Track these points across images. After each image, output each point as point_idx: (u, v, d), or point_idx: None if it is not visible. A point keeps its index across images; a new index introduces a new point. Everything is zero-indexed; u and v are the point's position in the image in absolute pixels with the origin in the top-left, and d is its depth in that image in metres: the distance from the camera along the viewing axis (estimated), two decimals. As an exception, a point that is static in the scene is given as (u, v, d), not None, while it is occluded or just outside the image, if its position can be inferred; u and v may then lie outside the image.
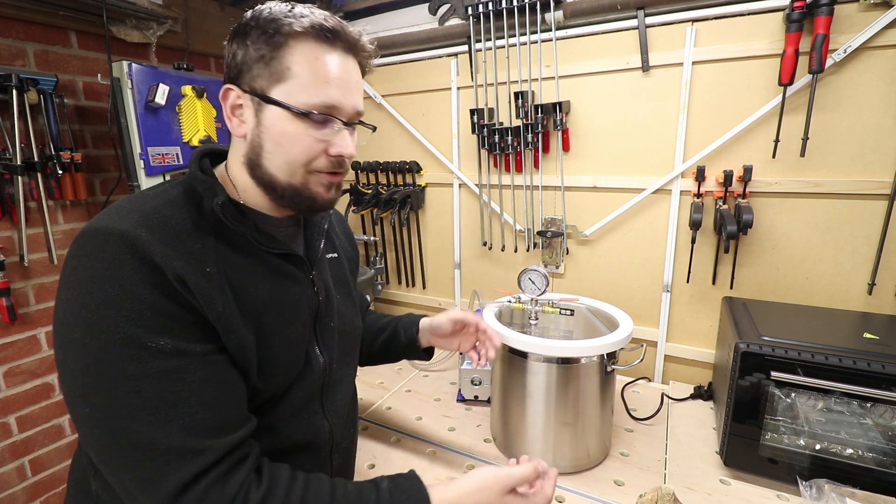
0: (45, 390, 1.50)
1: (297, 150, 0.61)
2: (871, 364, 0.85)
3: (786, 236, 1.27)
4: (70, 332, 0.51)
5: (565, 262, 1.59)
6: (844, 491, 0.84)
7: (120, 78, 1.32)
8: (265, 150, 0.61)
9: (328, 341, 0.74)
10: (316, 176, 0.63)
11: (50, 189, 1.39)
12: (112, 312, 0.50)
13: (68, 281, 0.52)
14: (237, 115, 0.62)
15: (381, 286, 1.93)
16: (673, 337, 1.46)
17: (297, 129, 0.60)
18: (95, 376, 0.50)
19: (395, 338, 0.98)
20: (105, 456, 0.52)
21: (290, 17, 0.58)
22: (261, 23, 0.59)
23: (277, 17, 0.58)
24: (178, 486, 0.50)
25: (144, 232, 0.53)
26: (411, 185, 1.79)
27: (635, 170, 1.42)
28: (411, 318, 0.99)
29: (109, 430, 0.50)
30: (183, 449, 0.51)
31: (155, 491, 0.50)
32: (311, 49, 0.59)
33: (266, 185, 0.63)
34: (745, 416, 0.95)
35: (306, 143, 0.61)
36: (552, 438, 1.01)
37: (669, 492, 0.83)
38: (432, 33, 1.61)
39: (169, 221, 0.56)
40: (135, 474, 0.51)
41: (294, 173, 0.62)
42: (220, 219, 0.60)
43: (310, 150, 0.61)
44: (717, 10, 1.24)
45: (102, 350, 0.50)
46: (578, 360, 0.96)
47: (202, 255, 0.57)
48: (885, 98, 1.11)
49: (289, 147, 0.61)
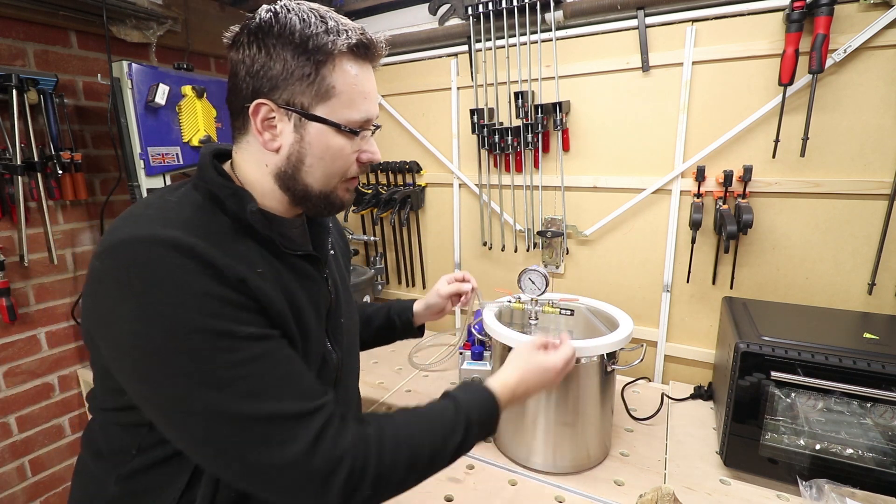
0: (45, 390, 1.50)
1: (339, 164, 0.64)
2: (871, 364, 0.85)
3: (786, 236, 1.27)
4: (149, 342, 0.50)
5: (565, 262, 1.59)
6: (844, 491, 0.84)
7: (120, 78, 1.32)
8: (306, 164, 0.63)
9: (339, 337, 0.76)
10: (345, 182, 0.67)
11: (50, 189, 1.39)
12: (192, 313, 0.51)
13: (122, 294, 0.51)
14: (269, 130, 0.62)
15: (381, 286, 1.93)
16: (673, 337, 1.46)
17: (341, 143, 0.62)
18: (198, 376, 0.51)
19: (390, 324, 1.04)
20: (228, 443, 0.52)
21: (332, 35, 0.58)
22: (296, 37, 0.58)
23: (317, 33, 0.58)
24: (309, 441, 0.54)
25: (193, 237, 0.53)
26: (411, 185, 1.79)
27: (635, 170, 1.42)
28: (403, 305, 1.05)
29: (229, 419, 0.51)
30: (302, 411, 0.55)
31: (291, 450, 0.53)
32: (350, 67, 0.61)
33: (298, 195, 0.65)
34: (745, 416, 0.95)
35: (348, 157, 0.64)
36: (552, 438, 1.01)
37: (669, 492, 0.83)
38: (432, 33, 1.61)
39: (210, 227, 0.57)
40: (266, 446, 0.52)
41: (329, 183, 0.65)
42: (251, 224, 0.60)
43: (348, 161, 0.64)
44: (717, 10, 1.24)
45: (195, 350, 0.51)
46: (578, 360, 0.96)
47: (250, 257, 0.58)
48: (885, 98, 1.11)
49: (330, 161, 0.63)
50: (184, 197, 0.60)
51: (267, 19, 0.59)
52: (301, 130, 0.61)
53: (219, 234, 0.57)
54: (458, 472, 1.02)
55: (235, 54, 0.61)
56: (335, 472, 0.55)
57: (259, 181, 0.65)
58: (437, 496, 0.94)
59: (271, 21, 0.58)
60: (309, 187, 0.64)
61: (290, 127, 0.61)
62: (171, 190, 0.63)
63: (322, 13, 0.60)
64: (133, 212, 0.57)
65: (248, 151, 0.65)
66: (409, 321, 1.04)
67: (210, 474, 0.60)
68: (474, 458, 1.07)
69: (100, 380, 0.62)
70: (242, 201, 0.60)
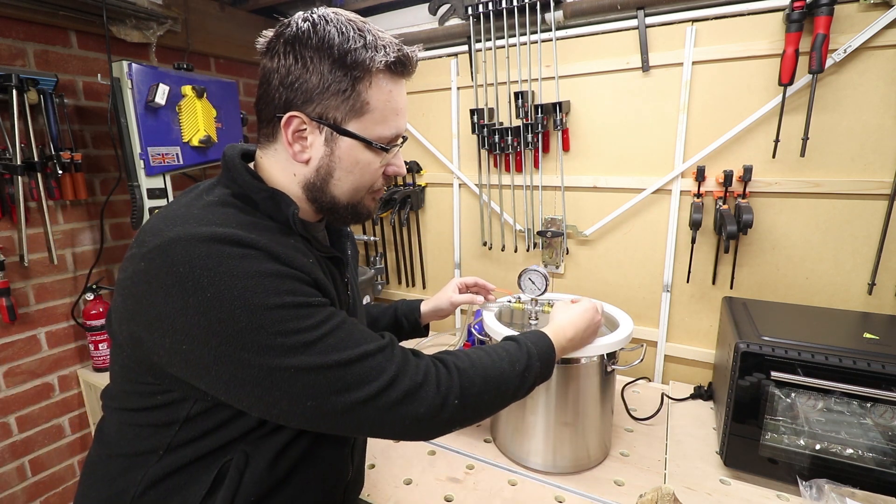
0: (45, 390, 1.50)
1: (368, 178, 0.65)
2: (871, 364, 0.85)
3: (786, 236, 1.26)
4: (230, 325, 0.51)
5: (565, 262, 1.59)
6: (844, 491, 0.84)
7: (120, 78, 1.32)
8: (335, 177, 0.64)
9: None
10: (371, 194, 0.68)
11: (50, 189, 1.39)
12: (268, 294, 0.53)
13: (185, 288, 0.51)
14: (299, 141, 0.62)
15: (381, 286, 1.93)
16: (673, 337, 1.46)
17: (370, 158, 0.63)
18: (283, 345, 0.53)
19: (397, 326, 1.06)
20: (329, 390, 0.56)
21: (370, 51, 0.58)
22: (334, 51, 0.57)
23: (356, 48, 0.58)
24: (398, 364, 0.60)
25: (247, 232, 0.55)
26: (411, 185, 1.79)
27: (635, 170, 1.42)
28: (410, 305, 1.08)
29: (324, 371, 0.55)
30: (381, 346, 0.61)
31: (385, 376, 0.59)
32: (386, 83, 0.61)
33: (325, 206, 0.66)
34: (745, 416, 0.95)
35: (376, 170, 0.65)
36: (552, 438, 1.01)
37: (669, 492, 0.82)
38: (432, 33, 1.61)
39: (258, 224, 0.59)
40: (362, 383, 0.57)
41: (356, 196, 0.66)
42: (290, 225, 0.62)
43: (377, 174, 0.66)
44: (717, 10, 1.24)
45: (278, 322, 0.53)
46: (579, 360, 0.96)
47: (300, 250, 0.61)
48: (885, 98, 1.11)
49: (359, 175, 0.64)
50: (223, 197, 0.61)
51: (305, 29, 0.58)
52: (332, 144, 0.62)
53: (269, 231, 0.59)
54: (458, 471, 1.02)
55: (269, 62, 0.60)
56: (426, 383, 0.61)
57: (286, 188, 0.65)
58: (437, 496, 0.94)
59: (309, 32, 0.58)
60: (336, 199, 0.65)
61: (320, 140, 0.61)
62: (205, 191, 0.63)
63: (360, 26, 0.59)
64: (175, 213, 0.57)
65: (276, 159, 0.65)
66: (417, 322, 1.06)
67: (234, 475, 0.61)
68: (474, 458, 1.07)
69: (126, 381, 0.62)
70: (280, 204, 0.62)
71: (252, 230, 0.56)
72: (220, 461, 0.61)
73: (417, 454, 1.08)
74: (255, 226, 0.58)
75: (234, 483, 0.61)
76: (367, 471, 1.02)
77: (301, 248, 0.61)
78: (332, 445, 0.71)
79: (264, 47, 0.61)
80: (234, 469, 0.61)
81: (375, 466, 1.04)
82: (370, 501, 0.93)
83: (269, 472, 0.63)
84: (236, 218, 0.57)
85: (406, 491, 0.96)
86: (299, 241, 0.63)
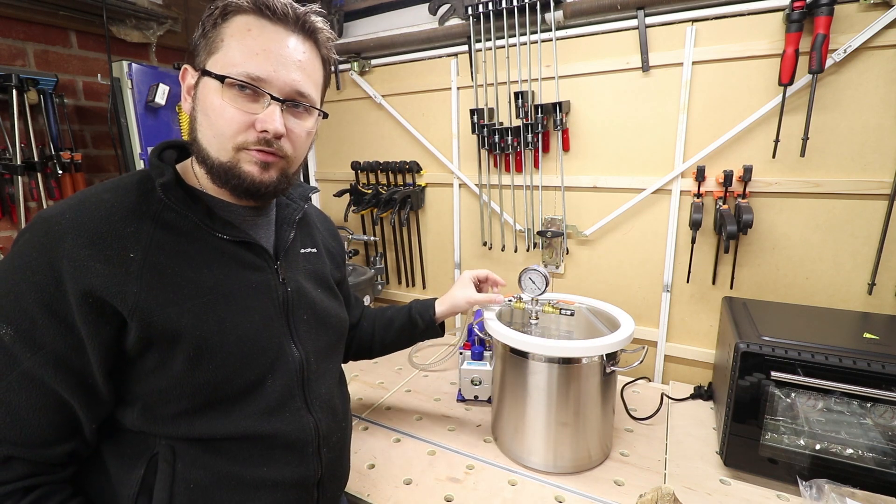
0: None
1: (223, 122, 0.61)
2: (871, 364, 0.85)
3: (786, 236, 1.27)
4: None
5: (565, 262, 1.59)
6: (844, 491, 0.84)
7: (120, 78, 1.32)
8: (198, 122, 0.63)
9: (303, 335, 0.73)
10: (246, 153, 0.63)
11: (50, 189, 1.39)
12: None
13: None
14: (190, 94, 0.64)
15: (381, 286, 1.93)
16: (673, 337, 1.46)
17: (222, 99, 0.60)
18: None
19: (412, 325, 1.06)
20: None
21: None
22: (213, 5, 0.60)
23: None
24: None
25: (66, 222, 0.56)
26: (411, 185, 1.79)
27: (635, 170, 1.42)
28: (424, 304, 1.07)
29: None
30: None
31: None
32: (246, 22, 0.60)
33: (202, 161, 0.64)
34: (745, 416, 0.95)
35: (230, 115, 0.60)
36: (552, 438, 1.01)
37: (669, 492, 0.83)
38: (432, 33, 1.61)
39: (103, 205, 0.58)
40: None
41: (222, 148, 0.62)
42: (167, 202, 0.61)
43: (233, 121, 0.61)
44: (717, 10, 1.24)
45: None
46: (579, 360, 0.96)
47: (130, 239, 0.58)
48: (885, 98, 1.11)
49: (215, 118, 0.61)
50: (120, 178, 0.64)
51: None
52: (197, 88, 0.62)
53: (108, 212, 0.58)
54: (458, 471, 1.02)
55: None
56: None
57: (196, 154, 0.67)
58: (437, 496, 0.94)
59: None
60: (206, 151, 0.63)
61: (194, 87, 0.63)
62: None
63: None
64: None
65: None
66: (432, 320, 1.05)
67: (165, 468, 0.62)
68: (474, 458, 1.07)
69: None
70: (161, 176, 0.62)
71: (81, 212, 0.57)
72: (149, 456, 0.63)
73: (417, 454, 1.08)
74: (96, 206, 0.58)
75: (166, 477, 0.62)
76: (366, 471, 1.02)
77: (135, 240, 0.58)
78: (291, 447, 0.69)
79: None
80: (164, 462, 0.62)
81: (375, 466, 1.04)
82: (370, 501, 0.94)
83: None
84: (93, 195, 0.59)
85: (406, 491, 0.96)
86: (150, 227, 0.60)
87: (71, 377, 0.56)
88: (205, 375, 0.61)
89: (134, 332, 0.57)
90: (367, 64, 1.79)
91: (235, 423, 0.64)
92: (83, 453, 0.62)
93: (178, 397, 0.61)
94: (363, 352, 1.09)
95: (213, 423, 0.63)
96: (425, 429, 1.18)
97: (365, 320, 1.09)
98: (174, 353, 0.60)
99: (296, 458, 0.70)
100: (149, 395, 0.61)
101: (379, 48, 1.72)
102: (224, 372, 0.63)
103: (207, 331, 0.61)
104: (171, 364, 0.60)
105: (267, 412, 0.67)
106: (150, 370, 0.60)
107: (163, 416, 0.62)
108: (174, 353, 0.60)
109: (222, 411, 0.64)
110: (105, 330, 0.56)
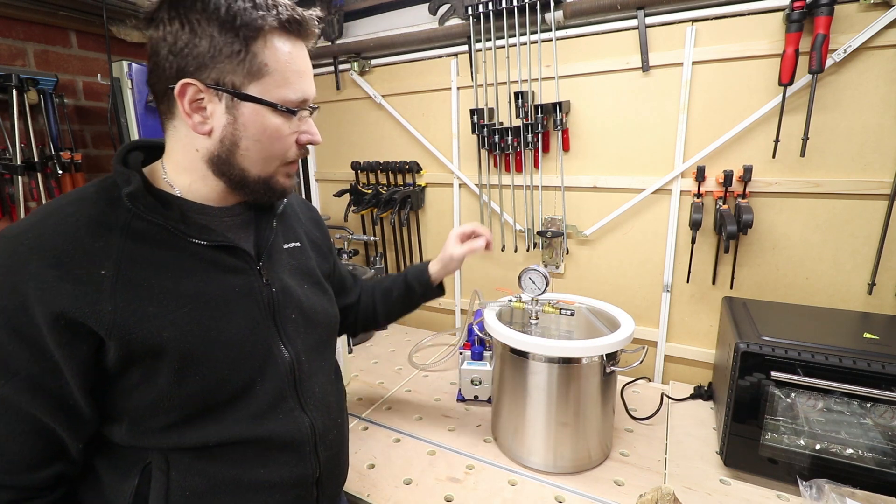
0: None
1: (278, 146, 0.62)
2: (871, 364, 0.85)
3: (786, 236, 1.27)
4: None
5: (565, 262, 1.59)
6: (844, 491, 0.84)
7: (120, 78, 1.32)
8: (241, 147, 0.61)
9: (292, 334, 0.71)
10: (284, 167, 0.65)
11: (50, 189, 1.39)
12: None
13: None
14: (198, 112, 0.59)
15: (381, 286, 1.92)
16: (673, 337, 1.46)
17: (278, 124, 0.60)
18: None
19: (410, 291, 1.06)
20: None
21: (261, 10, 0.57)
22: (221, 12, 0.55)
23: (244, 7, 0.56)
24: None
25: (29, 241, 0.53)
26: (411, 185, 1.79)
27: (635, 170, 1.42)
28: (418, 268, 1.07)
29: None
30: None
31: None
32: (283, 44, 0.59)
33: (235, 180, 0.63)
34: (745, 416, 0.95)
35: (285, 138, 0.62)
36: (552, 438, 1.01)
37: (669, 492, 0.83)
38: (432, 33, 1.61)
39: (67, 220, 0.55)
40: None
41: (268, 167, 0.63)
42: (136, 211, 0.58)
43: (287, 143, 0.62)
44: (717, 10, 1.24)
45: None
46: (580, 360, 0.96)
47: (99, 254, 0.55)
48: (885, 98, 1.11)
49: (268, 143, 0.61)
50: (82, 189, 0.60)
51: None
52: (234, 111, 0.59)
53: (73, 227, 0.55)
54: (458, 471, 1.02)
55: (156, 32, 0.57)
56: None
57: (190, 168, 0.62)
58: (437, 496, 0.94)
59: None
60: (246, 171, 0.62)
61: (221, 108, 0.59)
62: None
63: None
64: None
65: (177, 137, 0.62)
66: (428, 282, 1.06)
67: (159, 475, 0.61)
68: (474, 458, 1.07)
69: None
70: (127, 185, 0.57)
71: (43, 230, 0.54)
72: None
73: (417, 454, 1.08)
74: (61, 222, 0.55)
75: (161, 486, 0.61)
76: (366, 471, 1.02)
77: (105, 255, 0.55)
78: (288, 447, 0.68)
79: (149, 17, 0.57)
80: (158, 471, 0.61)
81: (375, 466, 1.04)
82: (370, 501, 0.94)
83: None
84: (56, 210, 0.56)
85: (406, 491, 0.96)
86: (119, 240, 0.57)
87: (49, 400, 0.55)
88: (193, 386, 0.60)
89: (113, 351, 0.55)
90: (367, 64, 1.79)
91: (228, 428, 0.63)
92: (71, 474, 0.61)
93: (166, 410, 0.59)
94: (371, 324, 1.09)
95: (204, 431, 0.62)
96: (425, 429, 1.18)
97: (364, 294, 1.07)
98: (159, 367, 0.58)
99: (293, 459, 0.69)
100: (135, 410, 0.60)
101: (379, 48, 1.72)
102: (212, 380, 0.61)
103: (192, 341, 0.59)
104: (156, 378, 0.58)
105: (259, 415, 0.66)
106: (135, 385, 0.58)
107: (152, 428, 0.60)
108: (159, 367, 0.58)
109: (213, 419, 0.62)
110: (81, 350, 0.54)
